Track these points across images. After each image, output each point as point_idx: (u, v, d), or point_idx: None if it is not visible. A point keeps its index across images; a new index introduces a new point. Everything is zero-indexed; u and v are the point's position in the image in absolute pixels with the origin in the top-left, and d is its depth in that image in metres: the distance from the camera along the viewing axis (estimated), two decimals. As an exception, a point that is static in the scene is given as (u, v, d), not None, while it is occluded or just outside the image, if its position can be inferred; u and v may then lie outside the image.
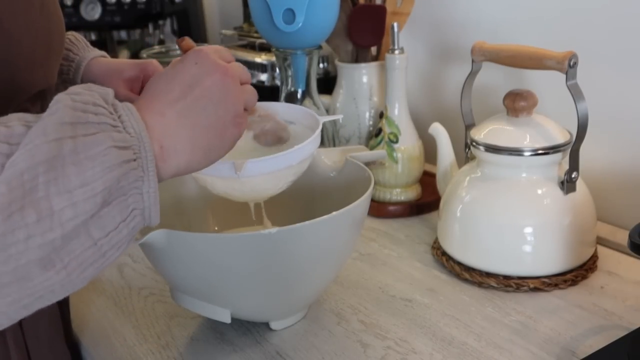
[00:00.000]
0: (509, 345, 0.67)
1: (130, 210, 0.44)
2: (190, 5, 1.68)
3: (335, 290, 0.79)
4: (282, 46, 0.93)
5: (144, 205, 0.45)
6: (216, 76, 0.50)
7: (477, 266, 0.79)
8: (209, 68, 0.50)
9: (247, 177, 0.60)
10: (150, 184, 0.45)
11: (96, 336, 0.74)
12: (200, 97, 0.49)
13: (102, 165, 0.42)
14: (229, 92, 0.51)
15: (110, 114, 0.44)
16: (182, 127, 0.48)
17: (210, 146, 0.50)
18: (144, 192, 0.45)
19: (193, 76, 0.50)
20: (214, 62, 0.51)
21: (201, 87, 0.50)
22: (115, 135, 0.43)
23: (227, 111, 0.51)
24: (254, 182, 0.62)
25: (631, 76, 0.86)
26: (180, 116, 0.48)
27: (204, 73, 0.50)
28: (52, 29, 0.59)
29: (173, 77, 0.50)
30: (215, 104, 0.50)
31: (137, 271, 0.87)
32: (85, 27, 1.53)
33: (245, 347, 0.69)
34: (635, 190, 0.88)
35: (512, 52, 0.79)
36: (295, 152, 0.61)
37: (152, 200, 0.45)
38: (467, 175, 0.82)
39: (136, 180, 0.44)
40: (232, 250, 0.61)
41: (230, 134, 0.51)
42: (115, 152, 0.43)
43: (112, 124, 0.44)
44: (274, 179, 0.63)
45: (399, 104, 0.97)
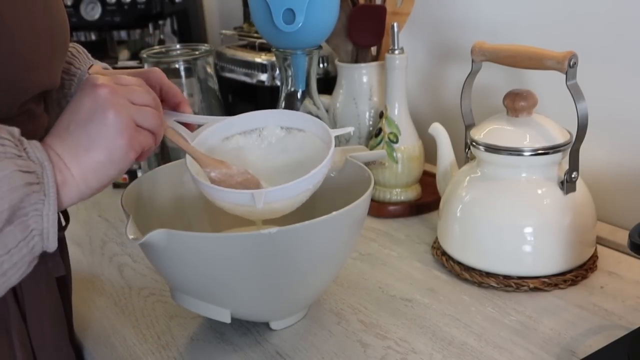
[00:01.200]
0: (509, 345, 0.67)
1: (30, 230, 0.48)
2: (190, 5, 1.68)
3: (335, 290, 0.79)
4: (282, 46, 0.93)
5: (42, 226, 0.49)
6: (94, 95, 0.52)
7: (477, 266, 0.79)
8: (91, 89, 0.53)
9: (267, 204, 0.61)
10: (50, 207, 0.49)
11: (96, 336, 0.74)
12: (81, 120, 0.52)
13: (8, 186, 0.46)
14: (107, 108, 0.52)
15: (16, 145, 0.48)
16: (69, 151, 0.51)
17: (99, 165, 0.52)
18: (44, 215, 0.48)
19: (77, 102, 0.53)
20: (97, 83, 0.53)
21: (82, 110, 0.52)
22: (20, 162, 0.47)
23: (109, 126, 0.52)
24: (272, 207, 0.63)
25: (631, 76, 0.86)
26: (67, 142, 0.52)
27: (85, 95, 0.53)
28: (55, 29, 0.59)
29: (67, 109, 0.53)
30: (95, 121, 0.52)
31: (137, 271, 0.87)
32: (85, 27, 1.53)
33: (245, 347, 0.69)
34: (635, 190, 0.88)
35: (512, 52, 0.79)
36: (313, 176, 0.63)
37: (51, 223, 0.49)
38: (467, 175, 0.82)
39: (37, 203, 0.48)
40: (232, 250, 0.61)
41: (116, 148, 0.52)
42: (19, 175, 0.47)
43: (17, 154, 0.48)
44: (290, 202, 0.65)
45: (399, 104, 0.97)
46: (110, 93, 0.52)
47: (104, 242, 0.96)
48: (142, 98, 0.56)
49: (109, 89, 0.52)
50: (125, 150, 0.53)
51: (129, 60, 1.61)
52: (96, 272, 0.87)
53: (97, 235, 0.99)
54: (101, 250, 0.94)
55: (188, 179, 0.79)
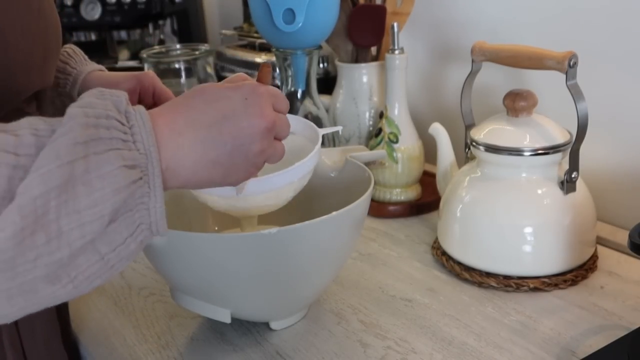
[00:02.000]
0: (509, 345, 0.67)
1: (137, 225, 0.45)
2: (190, 5, 1.68)
3: (335, 290, 0.79)
4: (282, 46, 0.93)
5: (150, 220, 0.46)
6: (255, 123, 0.49)
7: (477, 266, 0.79)
8: (255, 112, 0.49)
9: (248, 195, 0.60)
10: (157, 199, 0.45)
11: (96, 336, 0.74)
12: (227, 133, 0.48)
13: (111, 187, 0.42)
14: (256, 143, 0.50)
15: (122, 125, 0.44)
16: (193, 153, 0.47)
17: (210, 178, 0.50)
18: (150, 208, 0.45)
19: (234, 111, 0.49)
20: (264, 108, 0.50)
21: (235, 126, 0.48)
22: (125, 153, 0.43)
23: (245, 159, 0.50)
24: (255, 200, 0.62)
25: (631, 76, 0.86)
26: (197, 142, 0.47)
27: (246, 114, 0.49)
28: (48, 32, 0.59)
29: (214, 101, 0.49)
30: (237, 147, 0.49)
31: (137, 271, 0.87)
32: (85, 27, 1.53)
33: (245, 347, 0.69)
34: (635, 190, 0.88)
35: (512, 52, 0.79)
36: (296, 169, 0.61)
37: (159, 215, 0.46)
38: (467, 175, 0.82)
39: (142, 196, 0.44)
40: (232, 250, 0.61)
41: (235, 177, 0.51)
42: (124, 173, 0.43)
43: (123, 139, 0.44)
44: (275, 195, 0.63)
45: (399, 104, 0.97)
46: (270, 131, 0.50)
47: (104, 242, 0.96)
48: (286, 133, 0.54)
49: (271, 124, 0.50)
50: (238, 181, 0.51)
51: (129, 60, 1.61)
52: (96, 272, 0.87)
53: (97, 235, 0.98)
54: (101, 250, 0.94)
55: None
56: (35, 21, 0.56)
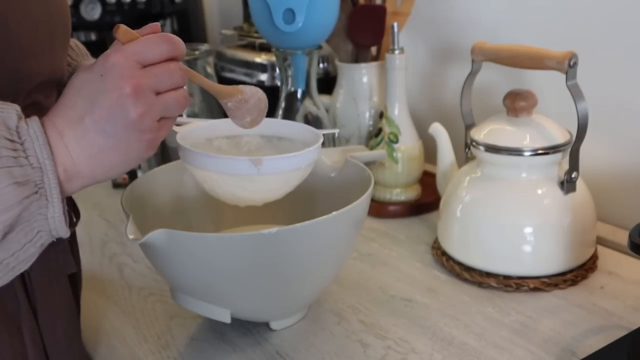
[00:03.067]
0: (509, 345, 0.67)
1: (36, 232, 0.46)
2: (190, 5, 1.68)
3: (335, 290, 0.79)
4: (282, 46, 0.93)
5: (49, 227, 0.47)
6: (115, 94, 0.48)
7: (477, 266, 0.79)
8: (113, 84, 0.48)
9: (266, 174, 0.61)
10: (54, 208, 0.46)
11: (96, 336, 0.74)
12: (99, 117, 0.48)
13: (2, 205, 0.43)
14: (129, 111, 0.48)
15: (12, 142, 0.45)
16: (82, 149, 0.48)
17: (113, 164, 0.49)
18: (49, 217, 0.46)
19: (95, 92, 0.48)
20: (120, 75, 0.48)
21: (101, 107, 0.48)
22: (16, 170, 0.44)
23: (131, 130, 0.49)
24: (265, 182, 0.62)
25: (631, 76, 0.86)
26: (79, 138, 0.48)
27: (106, 89, 0.48)
28: (53, 16, 0.58)
29: (79, 89, 0.49)
30: (114, 125, 0.48)
31: (137, 271, 0.87)
32: (85, 27, 1.53)
33: (245, 347, 0.69)
34: (635, 190, 0.88)
35: (512, 52, 0.79)
36: (306, 153, 0.63)
37: (58, 222, 0.47)
38: (467, 175, 0.82)
39: (40, 208, 0.46)
40: (232, 250, 0.61)
41: (135, 152, 0.50)
42: (15, 190, 0.44)
43: (14, 155, 0.44)
44: (283, 180, 0.64)
45: (399, 104, 0.97)
46: (135, 93, 0.48)
47: (104, 242, 0.96)
48: (169, 81, 0.50)
49: (133, 88, 0.48)
50: (144, 152, 0.50)
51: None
52: (96, 272, 0.87)
53: (97, 235, 0.98)
54: (101, 250, 0.94)
55: (188, 179, 0.79)
56: (37, 5, 0.55)
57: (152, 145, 0.50)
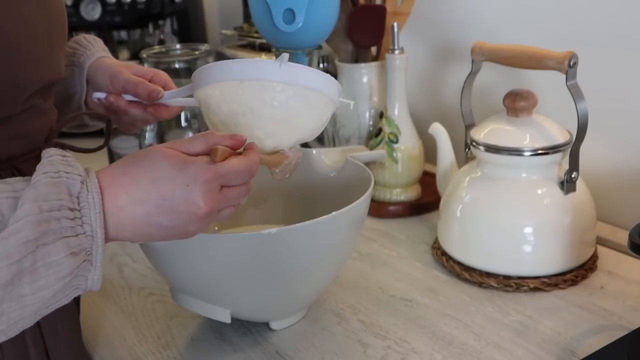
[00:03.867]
0: (509, 345, 0.67)
1: (73, 289, 0.47)
2: (190, 5, 1.68)
3: (335, 290, 0.79)
4: (282, 46, 0.93)
5: (87, 286, 0.48)
6: (193, 210, 0.49)
7: (477, 266, 0.79)
8: (194, 200, 0.49)
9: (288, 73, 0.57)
10: (96, 272, 0.47)
11: (96, 336, 0.74)
12: (164, 215, 0.49)
13: (56, 275, 0.44)
14: (191, 226, 0.50)
15: (72, 210, 0.45)
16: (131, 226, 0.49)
17: (150, 238, 0.51)
18: (88, 278, 0.47)
19: (174, 195, 0.49)
20: (204, 196, 0.49)
21: (172, 210, 0.49)
22: (72, 240, 0.45)
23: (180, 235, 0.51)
24: (286, 94, 0.58)
25: (631, 76, 0.86)
26: (135, 219, 0.49)
27: (185, 201, 0.49)
28: (52, 22, 0.58)
29: (158, 180, 0.49)
30: (172, 227, 0.50)
31: (137, 271, 0.87)
32: (85, 27, 1.53)
33: (245, 347, 0.69)
34: (635, 190, 0.88)
35: (512, 52, 0.79)
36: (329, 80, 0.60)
37: (96, 282, 0.48)
38: (467, 175, 0.82)
39: (84, 271, 0.47)
40: (232, 250, 0.61)
41: (180, 235, 0.51)
42: (69, 260, 0.45)
43: (72, 225, 0.45)
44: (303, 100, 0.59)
45: (399, 104, 0.97)
46: (207, 216, 0.50)
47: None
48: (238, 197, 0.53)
49: (208, 213, 0.50)
50: (185, 236, 0.52)
51: (129, 60, 1.61)
52: (96, 272, 0.87)
53: (97, 235, 0.98)
54: (101, 250, 0.94)
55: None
56: (36, 11, 0.56)
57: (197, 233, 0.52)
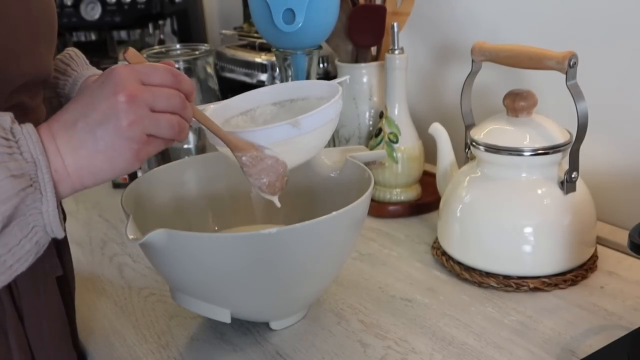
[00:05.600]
0: (509, 345, 0.67)
1: (31, 228, 0.48)
2: (190, 5, 1.68)
3: (335, 290, 0.79)
4: (282, 46, 0.93)
5: (44, 222, 0.48)
6: (112, 99, 0.49)
7: (477, 266, 0.79)
8: (111, 90, 0.50)
9: (307, 131, 0.61)
10: (49, 203, 0.48)
11: (96, 336, 0.74)
12: (92, 121, 0.50)
13: (0, 197, 0.45)
14: (121, 118, 0.50)
15: (7, 140, 0.47)
16: (71, 151, 0.50)
17: (99, 169, 0.51)
18: (43, 211, 0.48)
19: (93, 97, 0.50)
20: (119, 83, 0.50)
21: (95, 111, 0.50)
22: (12, 164, 0.46)
23: (119, 137, 0.50)
24: (306, 141, 0.62)
25: (631, 76, 0.86)
26: (70, 139, 0.50)
27: (104, 95, 0.50)
28: (35, 16, 0.58)
29: (80, 97, 0.51)
30: (105, 130, 0.50)
31: (137, 271, 0.87)
32: (85, 27, 1.53)
33: (245, 347, 0.69)
34: (635, 190, 0.88)
35: (512, 52, 0.79)
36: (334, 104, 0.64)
37: (52, 217, 0.48)
38: (467, 175, 0.82)
39: (35, 202, 0.48)
40: (232, 250, 0.61)
41: (121, 159, 0.51)
42: (11, 182, 0.46)
43: (9, 152, 0.47)
44: (320, 134, 0.64)
45: (399, 104, 0.97)
46: (130, 102, 0.49)
47: (104, 242, 0.96)
48: (166, 102, 0.52)
49: (128, 96, 0.49)
50: (130, 162, 0.51)
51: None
52: (96, 272, 0.87)
53: (97, 235, 0.99)
54: (101, 250, 0.94)
55: (188, 179, 0.79)
56: (15, 4, 0.55)
57: (138, 157, 0.51)
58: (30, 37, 0.57)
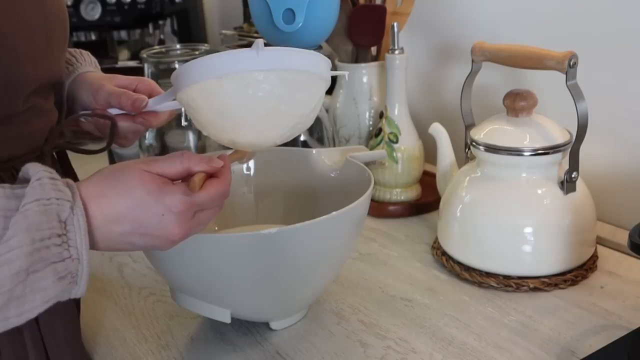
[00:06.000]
0: (509, 345, 0.67)
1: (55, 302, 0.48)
2: (190, 5, 1.68)
3: (335, 290, 0.79)
4: (282, 46, 0.93)
5: (69, 298, 0.49)
6: (163, 238, 0.51)
7: (477, 266, 0.79)
8: (166, 231, 0.51)
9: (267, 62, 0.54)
10: (80, 289, 0.48)
11: (96, 336, 0.74)
12: (137, 238, 0.51)
13: (42, 299, 0.45)
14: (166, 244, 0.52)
15: (59, 236, 0.46)
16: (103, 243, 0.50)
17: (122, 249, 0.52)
18: (72, 294, 0.48)
19: (149, 224, 0.50)
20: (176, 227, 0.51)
21: (144, 236, 0.51)
22: (59, 266, 0.46)
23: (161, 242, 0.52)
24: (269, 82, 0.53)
25: (631, 76, 0.86)
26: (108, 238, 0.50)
27: (158, 230, 0.51)
28: (50, 20, 0.58)
29: (135, 206, 0.50)
30: (142, 245, 0.52)
31: (137, 271, 0.87)
32: (85, 27, 1.53)
33: (245, 347, 0.69)
34: (635, 190, 0.88)
35: (512, 52, 0.79)
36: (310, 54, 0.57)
37: (78, 295, 0.49)
38: (467, 175, 0.82)
39: (68, 292, 0.48)
40: (232, 250, 0.61)
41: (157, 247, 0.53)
42: (56, 285, 0.46)
43: (59, 251, 0.46)
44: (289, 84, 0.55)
45: (399, 104, 0.97)
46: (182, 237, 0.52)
47: (104, 242, 0.96)
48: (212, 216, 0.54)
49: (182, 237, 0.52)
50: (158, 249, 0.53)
51: (129, 60, 1.61)
52: (96, 272, 0.87)
53: (97, 235, 0.98)
54: (101, 250, 0.94)
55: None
56: (32, 9, 0.55)
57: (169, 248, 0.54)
58: (46, 41, 0.58)
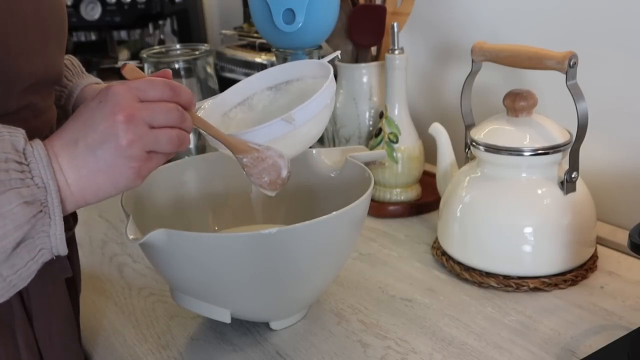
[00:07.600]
0: (509, 345, 0.67)
1: (38, 250, 0.48)
2: (190, 5, 1.68)
3: (335, 290, 0.79)
4: (282, 46, 0.93)
5: (51, 244, 0.49)
6: (110, 119, 0.50)
7: (477, 266, 0.79)
8: (109, 110, 0.50)
9: (302, 123, 0.61)
10: (56, 226, 0.49)
11: (96, 336, 0.74)
12: (92, 141, 0.50)
13: (13, 224, 0.46)
14: (120, 137, 0.50)
15: (20, 164, 0.47)
16: (73, 170, 0.50)
17: (101, 187, 0.51)
18: (50, 235, 0.49)
19: (92, 117, 0.51)
20: (117, 103, 0.50)
21: (95, 131, 0.50)
22: (24, 190, 0.47)
23: (119, 156, 0.50)
24: (303, 131, 0.62)
25: (631, 76, 0.86)
26: (72, 159, 0.50)
27: (103, 115, 0.50)
28: (45, 16, 0.58)
29: (79, 115, 0.52)
30: (105, 149, 0.50)
31: (137, 271, 0.87)
32: (85, 27, 1.53)
33: (245, 347, 0.69)
34: (635, 190, 0.88)
35: (512, 52, 0.79)
36: (326, 90, 0.63)
37: (59, 239, 0.49)
38: (467, 175, 0.82)
39: (43, 225, 0.48)
40: (232, 250, 0.61)
41: (123, 178, 0.52)
42: (24, 209, 0.46)
43: (21, 177, 0.47)
44: (318, 121, 0.64)
45: (399, 104, 0.97)
46: (128, 121, 0.50)
47: (104, 242, 0.96)
48: (164, 117, 0.52)
49: (126, 116, 0.50)
50: (131, 180, 0.52)
51: (129, 60, 1.61)
52: (96, 272, 0.87)
53: (97, 235, 0.99)
54: (101, 250, 0.94)
55: (188, 179, 0.79)
56: (27, 5, 0.55)
57: (139, 174, 0.52)
58: (40, 36, 0.57)
